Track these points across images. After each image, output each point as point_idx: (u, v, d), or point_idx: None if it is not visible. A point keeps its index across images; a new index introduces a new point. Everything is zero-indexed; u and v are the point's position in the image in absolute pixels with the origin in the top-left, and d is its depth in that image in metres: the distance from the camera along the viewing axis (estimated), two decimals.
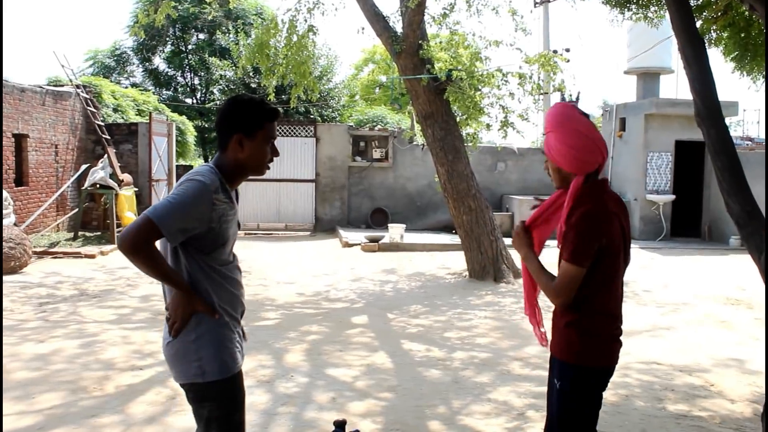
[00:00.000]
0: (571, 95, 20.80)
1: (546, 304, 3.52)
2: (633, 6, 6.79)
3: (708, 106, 4.01)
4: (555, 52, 18.59)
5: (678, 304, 9.03)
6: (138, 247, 2.48)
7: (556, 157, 2.82)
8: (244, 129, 2.69)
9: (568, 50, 19.28)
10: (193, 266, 2.64)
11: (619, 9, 6.83)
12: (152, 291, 9.03)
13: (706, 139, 4.12)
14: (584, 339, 2.77)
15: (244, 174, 2.78)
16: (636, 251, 13.81)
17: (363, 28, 10.72)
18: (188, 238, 2.58)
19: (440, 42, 11.78)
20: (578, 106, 2.89)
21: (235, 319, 2.80)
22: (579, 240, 2.69)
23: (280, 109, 2.85)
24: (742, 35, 6.74)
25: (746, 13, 6.33)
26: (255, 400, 5.10)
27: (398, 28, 10.40)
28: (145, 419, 4.71)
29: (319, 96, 21.74)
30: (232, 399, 2.71)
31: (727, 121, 4.16)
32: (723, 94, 4.21)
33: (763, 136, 36.47)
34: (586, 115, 2.84)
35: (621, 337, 2.88)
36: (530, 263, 2.93)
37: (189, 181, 2.58)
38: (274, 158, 2.81)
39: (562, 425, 2.83)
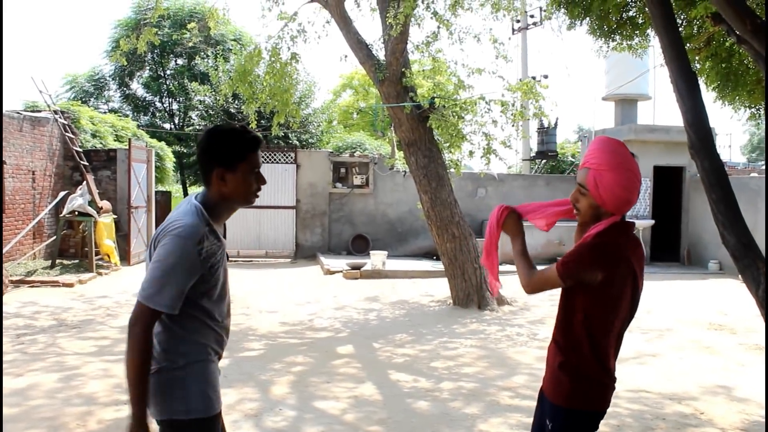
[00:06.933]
0: (549, 121, 21.03)
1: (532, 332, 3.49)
2: (617, 36, 6.88)
3: (701, 138, 4.03)
4: (534, 78, 18.81)
5: (662, 330, 9.05)
6: (140, 336, 2.40)
7: (605, 196, 2.68)
8: (225, 162, 2.52)
9: (546, 77, 19.41)
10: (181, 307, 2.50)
11: (604, 39, 6.92)
12: None
13: (701, 172, 4.13)
14: (575, 382, 2.74)
15: (231, 208, 2.65)
16: None
17: (346, 56, 10.79)
18: None
19: (423, 70, 11.83)
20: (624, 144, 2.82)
21: (219, 357, 2.72)
22: (578, 257, 2.68)
23: (260, 135, 2.72)
24: (724, 65, 6.85)
25: (728, 44, 6.44)
26: None
27: (381, 56, 10.43)
28: None
29: (298, 122, 21.70)
30: None
31: None
32: None
33: (734, 159, 37.16)
34: (633, 154, 2.79)
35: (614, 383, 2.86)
36: (518, 246, 2.95)
37: (169, 237, 2.44)
38: (261, 187, 2.65)
39: None
